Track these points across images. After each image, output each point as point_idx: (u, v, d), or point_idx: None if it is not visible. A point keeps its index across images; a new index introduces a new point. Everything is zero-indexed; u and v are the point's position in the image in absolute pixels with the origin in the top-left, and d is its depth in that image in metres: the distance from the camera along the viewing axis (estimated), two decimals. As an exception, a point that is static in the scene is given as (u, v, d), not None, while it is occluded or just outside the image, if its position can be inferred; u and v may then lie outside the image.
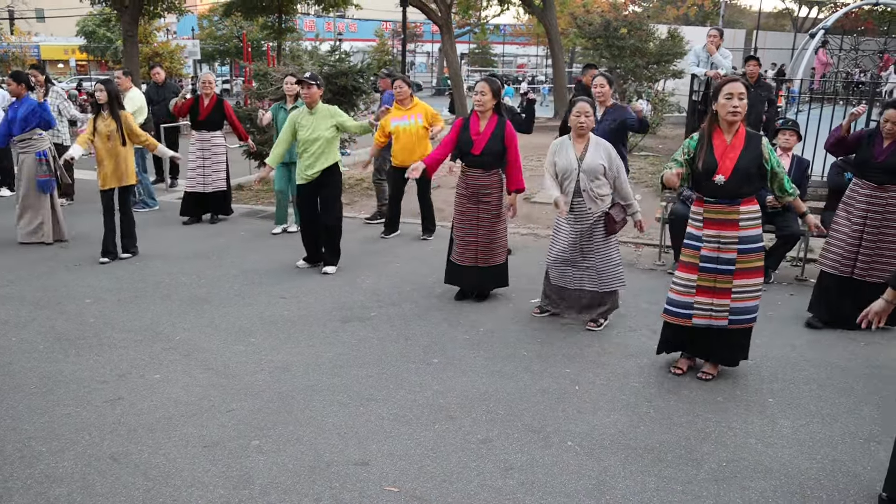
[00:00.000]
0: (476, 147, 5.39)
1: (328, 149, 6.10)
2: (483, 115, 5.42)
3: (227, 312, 5.35)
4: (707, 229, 4.18)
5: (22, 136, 6.97)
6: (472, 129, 5.45)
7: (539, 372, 4.44)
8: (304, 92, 6.02)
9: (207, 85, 8.25)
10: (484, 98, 5.32)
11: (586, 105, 4.95)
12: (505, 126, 5.40)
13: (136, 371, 4.34)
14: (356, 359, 4.57)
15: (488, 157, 5.39)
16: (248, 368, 4.39)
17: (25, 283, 6.06)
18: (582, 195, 4.96)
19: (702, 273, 4.24)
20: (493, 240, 5.54)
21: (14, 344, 4.75)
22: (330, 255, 6.35)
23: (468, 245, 5.54)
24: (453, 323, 5.22)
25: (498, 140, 5.37)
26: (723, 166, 4.05)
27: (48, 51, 49.25)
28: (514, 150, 5.43)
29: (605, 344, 4.92)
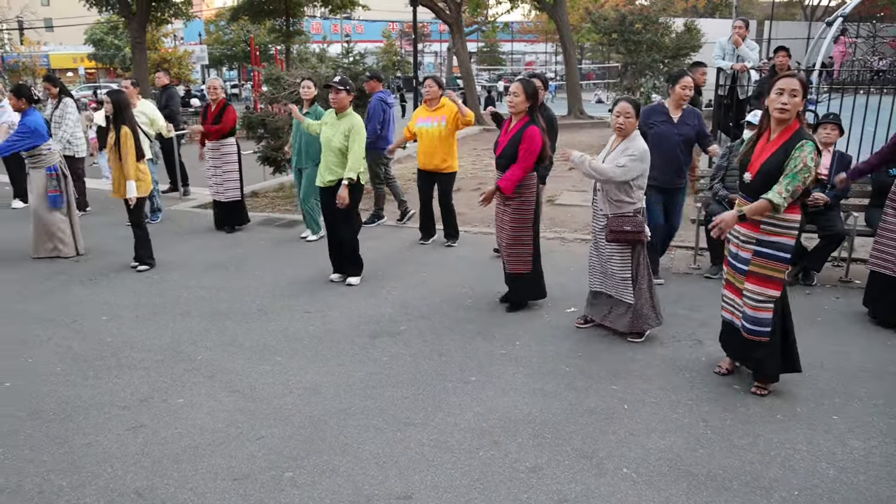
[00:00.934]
0: (498, 148, 5.28)
1: (341, 161, 5.82)
2: (515, 117, 5.19)
3: (250, 329, 5.12)
4: (737, 224, 4.03)
5: (30, 152, 6.75)
6: (502, 129, 5.33)
7: (584, 389, 4.18)
8: (333, 97, 5.76)
9: (213, 90, 7.98)
10: (516, 100, 5.08)
11: (628, 105, 4.72)
12: (526, 129, 5.08)
13: (157, 395, 4.11)
14: (389, 378, 4.32)
15: (504, 159, 5.20)
16: (276, 391, 4.15)
17: (39, 298, 5.85)
18: (597, 194, 4.86)
19: (728, 267, 4.21)
20: (514, 244, 5.31)
21: (30, 365, 4.54)
22: (351, 266, 6.11)
23: (501, 246, 5.50)
24: (488, 337, 4.97)
25: (515, 143, 5.11)
26: (753, 164, 3.88)
27: (57, 60, 49.37)
28: (523, 151, 5.06)
29: (650, 356, 4.65)
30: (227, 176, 7.96)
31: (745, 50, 9.03)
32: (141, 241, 6.58)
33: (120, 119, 6.22)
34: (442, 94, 7.05)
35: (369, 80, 8.39)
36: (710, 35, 18.11)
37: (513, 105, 5.09)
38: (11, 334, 5.07)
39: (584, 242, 7.48)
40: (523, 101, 5.07)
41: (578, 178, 11.63)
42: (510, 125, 5.22)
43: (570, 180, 11.33)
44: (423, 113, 7.08)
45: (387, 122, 8.03)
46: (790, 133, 3.80)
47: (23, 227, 8.21)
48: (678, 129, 5.76)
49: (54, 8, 50.02)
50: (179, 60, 31.13)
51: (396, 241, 7.67)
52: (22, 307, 5.63)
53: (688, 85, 5.69)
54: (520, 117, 5.14)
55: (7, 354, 4.72)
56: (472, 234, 7.89)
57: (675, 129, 5.75)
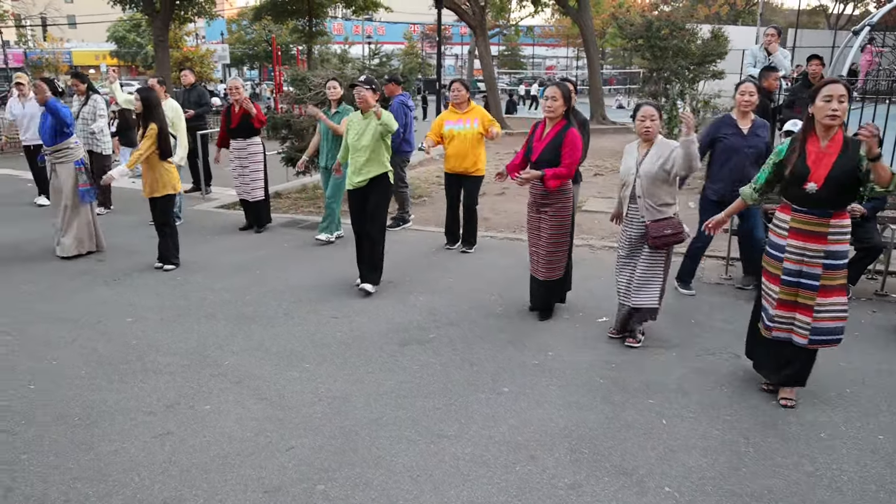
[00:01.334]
0: (534, 153, 5.13)
1: (374, 157, 5.73)
2: (551, 121, 5.07)
3: (277, 334, 5.03)
4: (792, 239, 3.86)
5: (57, 147, 6.71)
6: (535, 134, 5.20)
7: (620, 403, 4.06)
8: (358, 96, 5.69)
9: (235, 91, 7.89)
10: (555, 104, 4.96)
11: (651, 109, 4.64)
12: (566, 133, 4.99)
13: (184, 401, 4.04)
14: (420, 388, 4.21)
15: (543, 164, 5.04)
16: (305, 399, 4.06)
17: (63, 298, 5.80)
18: (637, 202, 4.67)
19: (784, 286, 3.94)
20: (552, 252, 5.20)
21: (55, 368, 4.48)
22: (370, 269, 5.91)
23: (533, 255, 5.34)
24: (519, 346, 4.85)
25: (554, 147, 4.99)
26: (815, 174, 3.71)
27: (80, 57, 49.78)
28: (567, 156, 4.94)
29: (685, 370, 4.52)
30: (253, 175, 7.91)
31: (778, 57, 8.84)
32: (170, 240, 6.54)
33: (150, 117, 6.18)
34: (469, 98, 6.94)
35: (388, 83, 8.32)
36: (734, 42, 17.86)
37: (552, 109, 4.97)
38: (36, 335, 5.02)
39: (612, 250, 7.34)
40: (562, 105, 4.97)
41: (604, 183, 11.49)
42: (545, 130, 5.11)
43: (595, 186, 11.20)
44: (451, 116, 6.96)
45: (409, 125, 7.97)
46: (841, 138, 3.73)
47: (39, 224, 8.23)
48: (749, 142, 5.54)
49: (77, 5, 50.49)
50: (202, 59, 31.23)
51: (421, 244, 7.57)
52: (46, 307, 5.59)
53: (746, 90, 5.49)
54: (556, 121, 5.03)
55: (32, 355, 4.66)
56: (497, 240, 7.78)
57: (746, 142, 5.53)
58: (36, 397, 4.07)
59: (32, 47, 41.92)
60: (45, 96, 6.57)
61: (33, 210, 9.41)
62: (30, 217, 8.93)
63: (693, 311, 5.60)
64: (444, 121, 6.98)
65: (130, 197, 9.74)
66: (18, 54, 44.44)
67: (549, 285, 5.29)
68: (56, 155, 6.76)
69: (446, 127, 6.94)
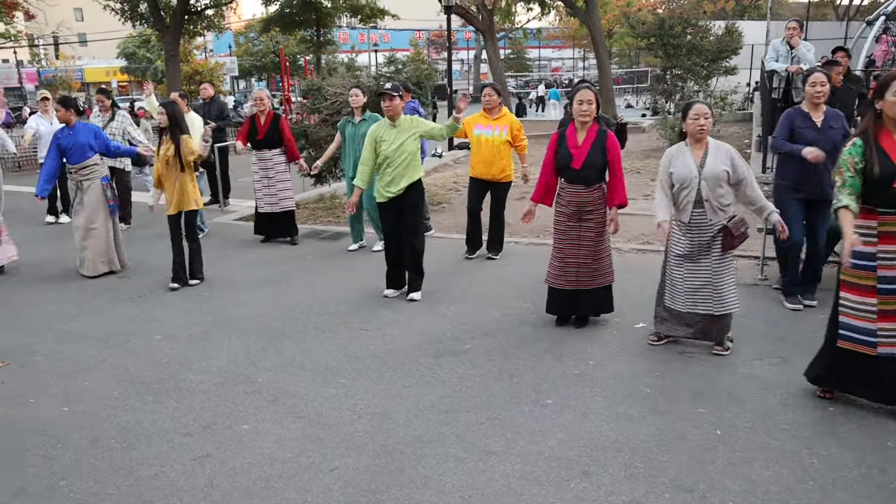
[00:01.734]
0: (576, 161, 4.91)
1: (413, 163, 5.66)
2: (582, 127, 4.93)
3: (309, 348, 4.92)
4: (884, 244, 3.65)
5: (84, 164, 6.64)
6: (569, 141, 4.97)
7: (669, 413, 3.92)
8: (387, 104, 5.59)
9: (260, 102, 7.85)
10: (590, 108, 4.82)
11: (705, 107, 4.47)
12: (607, 137, 4.91)
13: (221, 421, 3.93)
14: (461, 402, 4.09)
15: (590, 170, 4.91)
16: (344, 416, 3.94)
17: (89, 317, 5.72)
18: (703, 205, 4.47)
19: (882, 296, 3.68)
20: (596, 260, 5.06)
21: (87, 389, 4.38)
22: (414, 279, 5.89)
23: (569, 266, 5.08)
24: (558, 355, 4.72)
25: (599, 152, 4.89)
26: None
27: (91, 73, 50.21)
28: (617, 162, 4.95)
29: (734, 376, 4.37)
30: (280, 185, 7.84)
31: (801, 51, 8.68)
32: (195, 254, 6.46)
33: (178, 130, 6.11)
34: (501, 104, 6.82)
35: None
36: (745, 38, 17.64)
37: (586, 114, 4.83)
38: (65, 355, 4.93)
39: (640, 253, 7.21)
40: (595, 109, 4.85)
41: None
42: (578, 136, 4.94)
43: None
44: (481, 120, 6.84)
45: None
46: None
47: (59, 243, 8.19)
48: (824, 135, 5.26)
49: (88, 23, 50.85)
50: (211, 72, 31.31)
51: (445, 251, 7.44)
52: (72, 326, 5.51)
53: (817, 81, 5.20)
54: (589, 125, 4.90)
55: (63, 376, 4.58)
56: (522, 246, 7.65)
57: (821, 135, 5.25)
58: (70, 420, 3.98)
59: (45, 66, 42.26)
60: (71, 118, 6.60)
61: (52, 228, 9.36)
62: (49, 235, 8.89)
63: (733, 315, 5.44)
64: (473, 124, 6.85)
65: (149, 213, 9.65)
66: (32, 73, 44.83)
67: (592, 294, 5.12)
68: (82, 172, 6.67)
69: (475, 131, 6.82)
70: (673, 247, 4.69)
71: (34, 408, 4.15)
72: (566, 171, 4.99)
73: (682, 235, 4.61)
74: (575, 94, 4.95)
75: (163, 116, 6.11)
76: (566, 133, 5.02)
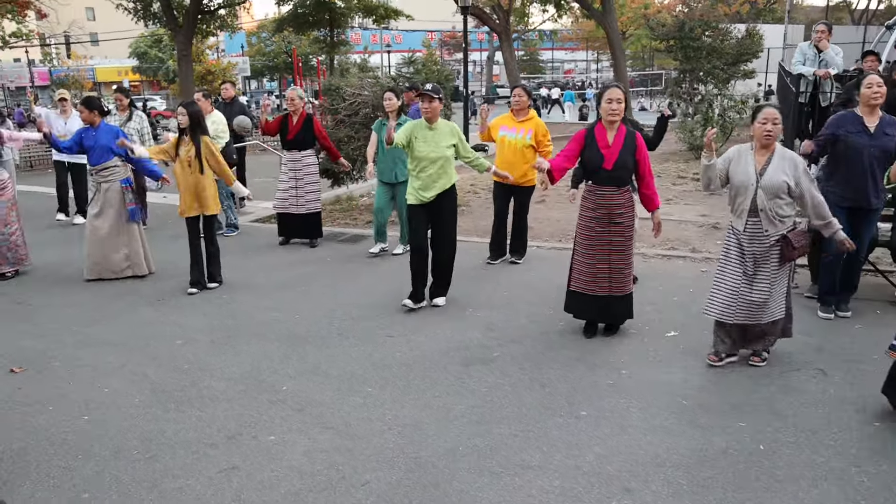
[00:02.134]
0: (607, 161, 4.75)
1: (448, 168, 5.51)
2: (611, 127, 4.79)
3: (333, 355, 4.80)
4: None
5: (105, 165, 6.53)
6: (599, 141, 4.80)
7: (709, 427, 3.78)
8: (425, 106, 5.44)
9: (291, 102, 7.72)
10: (620, 107, 4.69)
11: (775, 112, 4.24)
12: (636, 137, 4.78)
13: (246, 431, 3.81)
14: (492, 412, 3.96)
15: (621, 171, 4.77)
16: (374, 427, 3.82)
17: (107, 321, 5.61)
18: (759, 215, 4.27)
19: None
20: (627, 265, 4.93)
21: (107, 396, 4.28)
22: (441, 285, 5.75)
23: (599, 272, 4.90)
24: (589, 364, 4.59)
25: (629, 153, 4.75)
26: None
27: (103, 73, 50.34)
28: (646, 164, 4.84)
29: (771, 388, 4.23)
30: (308, 188, 7.74)
31: (830, 55, 8.51)
32: (213, 258, 6.34)
33: (199, 131, 6.01)
34: (530, 106, 6.68)
35: (408, 90, 8.23)
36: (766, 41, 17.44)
37: (616, 113, 4.69)
38: (83, 360, 4.83)
39: (665, 259, 7.07)
40: (623, 108, 4.73)
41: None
42: (607, 135, 4.80)
43: (635, 191, 10.88)
44: (507, 122, 6.70)
45: None
46: None
47: (73, 244, 8.10)
48: (875, 141, 5.03)
49: (100, 22, 51.00)
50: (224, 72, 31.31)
51: (466, 255, 7.27)
52: (91, 331, 5.41)
53: (874, 82, 4.97)
54: (618, 125, 4.77)
55: (82, 383, 4.47)
56: (544, 250, 7.52)
57: (872, 141, 5.03)
58: (91, 429, 3.87)
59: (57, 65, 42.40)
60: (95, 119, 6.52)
61: (66, 230, 9.27)
62: (63, 237, 8.79)
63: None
64: (500, 125, 6.72)
65: (165, 213, 9.60)
66: (44, 73, 45.01)
67: (623, 300, 4.99)
68: (103, 174, 6.56)
69: (500, 132, 6.69)
70: (727, 254, 4.48)
71: (53, 416, 4.04)
72: (597, 173, 4.83)
73: (737, 243, 4.40)
74: (604, 92, 4.79)
75: (183, 117, 6.00)
76: (595, 132, 4.85)
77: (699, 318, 5.29)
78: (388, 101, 6.94)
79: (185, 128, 6.01)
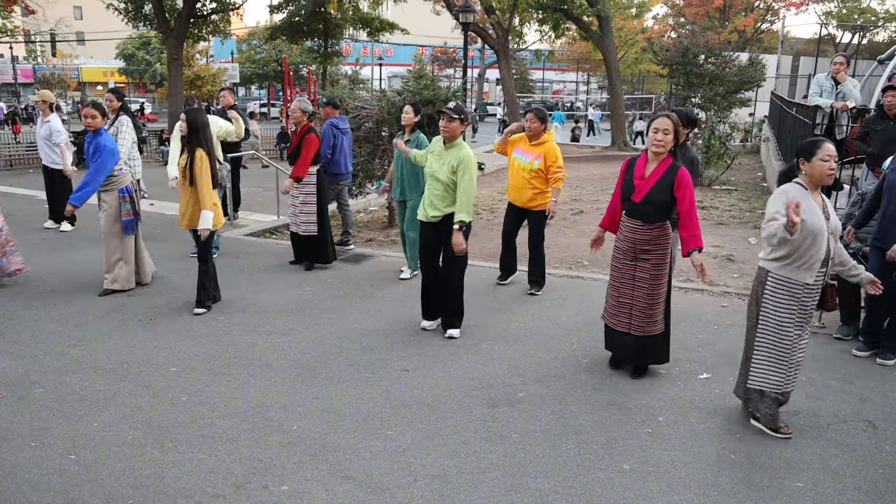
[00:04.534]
0: (637, 193, 4.44)
1: (448, 195, 5.18)
2: (655, 158, 4.44)
3: (346, 391, 4.41)
4: None
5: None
6: (636, 171, 4.50)
7: (765, 487, 3.45)
8: (443, 124, 5.13)
9: (294, 114, 7.20)
10: (666, 138, 4.32)
11: (833, 147, 3.76)
12: (677, 172, 4.37)
13: (255, 478, 3.42)
14: (527, 464, 3.60)
15: (648, 206, 4.42)
16: (397, 479, 3.44)
17: (96, 342, 5.17)
18: (827, 264, 3.82)
19: None
20: (650, 304, 4.56)
21: (96, 431, 3.85)
22: (453, 314, 5.40)
23: (622, 307, 4.64)
24: (623, 409, 4.25)
25: (665, 188, 4.37)
26: None
27: (88, 73, 49.56)
28: (686, 201, 4.36)
29: (821, 441, 3.92)
30: (303, 208, 7.19)
31: (848, 87, 8.35)
32: (202, 278, 5.84)
33: (196, 141, 5.59)
34: (545, 129, 6.36)
35: (325, 105, 8.04)
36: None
37: (662, 144, 4.33)
38: (70, 387, 4.40)
39: (683, 291, 6.76)
40: (672, 141, 4.36)
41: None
42: (647, 167, 4.46)
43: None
44: (523, 144, 6.39)
45: (338, 147, 7.79)
46: None
47: (60, 253, 7.67)
48: None
49: (87, 22, 50.30)
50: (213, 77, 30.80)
51: (476, 280, 6.94)
52: (77, 353, 4.97)
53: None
54: (663, 157, 4.42)
55: (69, 414, 4.04)
56: (556, 278, 7.17)
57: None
58: (79, 471, 3.45)
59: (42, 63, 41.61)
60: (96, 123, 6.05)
61: (53, 236, 8.78)
62: (49, 244, 8.30)
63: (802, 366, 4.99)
64: (516, 145, 6.44)
65: (155, 222, 9.15)
66: (27, 70, 44.15)
67: (646, 341, 4.64)
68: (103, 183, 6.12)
69: (514, 153, 6.44)
70: (783, 317, 3.84)
71: (36, 453, 3.62)
72: (626, 203, 4.55)
73: (799, 303, 3.81)
74: (652, 121, 4.46)
75: (183, 124, 5.61)
76: (636, 161, 4.56)
77: (729, 358, 5.02)
78: (406, 114, 6.63)
79: (184, 135, 5.62)
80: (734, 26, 44.91)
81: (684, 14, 46.54)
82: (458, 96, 8.79)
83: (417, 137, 6.58)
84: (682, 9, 45.91)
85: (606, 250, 5.15)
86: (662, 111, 4.77)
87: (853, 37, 47.94)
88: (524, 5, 20.30)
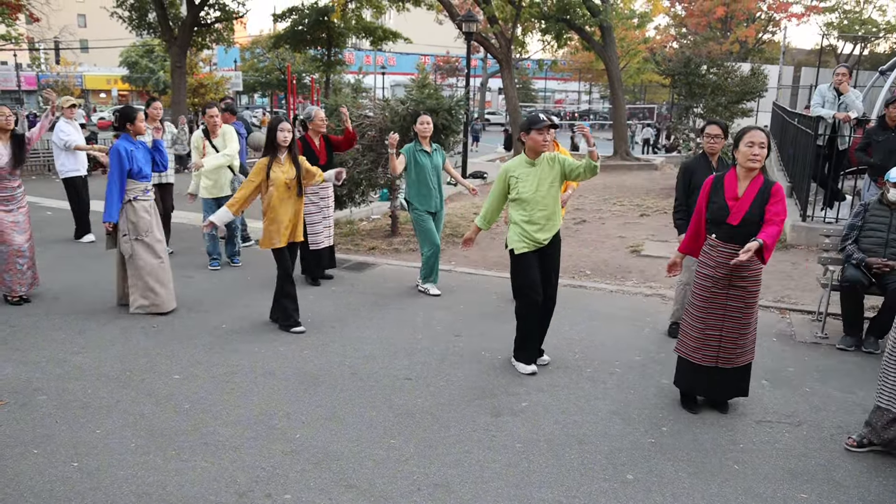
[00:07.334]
0: (734, 216, 4.08)
1: (558, 206, 4.86)
2: (747, 175, 4.10)
3: (348, 399, 4.41)
4: None
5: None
6: (727, 191, 4.14)
7: (770, 499, 3.44)
8: (542, 140, 4.72)
9: (320, 123, 6.92)
10: (762, 152, 4.00)
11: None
12: (771, 189, 4.05)
13: (258, 487, 3.41)
14: (530, 473, 3.59)
15: (749, 227, 4.03)
16: (400, 487, 3.43)
17: (99, 350, 5.18)
18: None
19: None
20: (742, 335, 4.23)
21: (99, 439, 3.85)
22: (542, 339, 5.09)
23: (710, 339, 4.25)
24: (626, 418, 4.24)
25: (761, 206, 4.03)
26: None
27: (91, 80, 49.78)
28: (778, 215, 4.02)
29: (825, 452, 3.91)
30: (325, 222, 7.06)
31: (851, 98, 8.36)
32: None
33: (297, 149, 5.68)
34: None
35: (224, 112, 8.13)
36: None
37: (757, 160, 4.01)
38: (72, 394, 4.40)
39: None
40: (766, 154, 4.09)
41: (653, 224, 10.94)
42: (738, 185, 4.12)
43: (644, 227, 10.64)
44: None
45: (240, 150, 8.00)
46: None
47: (59, 262, 7.68)
48: None
49: (91, 30, 50.57)
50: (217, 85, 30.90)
51: (478, 290, 6.97)
52: (80, 360, 4.97)
53: None
54: (755, 174, 4.12)
55: (71, 422, 4.04)
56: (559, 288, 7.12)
57: None
58: (81, 479, 3.45)
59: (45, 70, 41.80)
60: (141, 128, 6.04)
61: (51, 245, 8.80)
62: (49, 253, 8.33)
63: (801, 377, 4.99)
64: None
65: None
66: (31, 77, 44.33)
67: (735, 374, 4.34)
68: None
69: None
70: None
71: (39, 460, 3.61)
72: (720, 227, 4.16)
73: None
74: (743, 134, 4.08)
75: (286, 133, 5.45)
76: (724, 180, 4.20)
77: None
78: (426, 124, 6.53)
79: (282, 146, 5.48)
80: (736, 37, 45.09)
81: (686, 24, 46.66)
82: (461, 105, 8.76)
83: (439, 148, 6.56)
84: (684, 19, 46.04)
85: (609, 260, 5.14)
86: (754, 125, 4.49)
87: (854, 47, 48.08)
88: (527, 15, 20.41)
